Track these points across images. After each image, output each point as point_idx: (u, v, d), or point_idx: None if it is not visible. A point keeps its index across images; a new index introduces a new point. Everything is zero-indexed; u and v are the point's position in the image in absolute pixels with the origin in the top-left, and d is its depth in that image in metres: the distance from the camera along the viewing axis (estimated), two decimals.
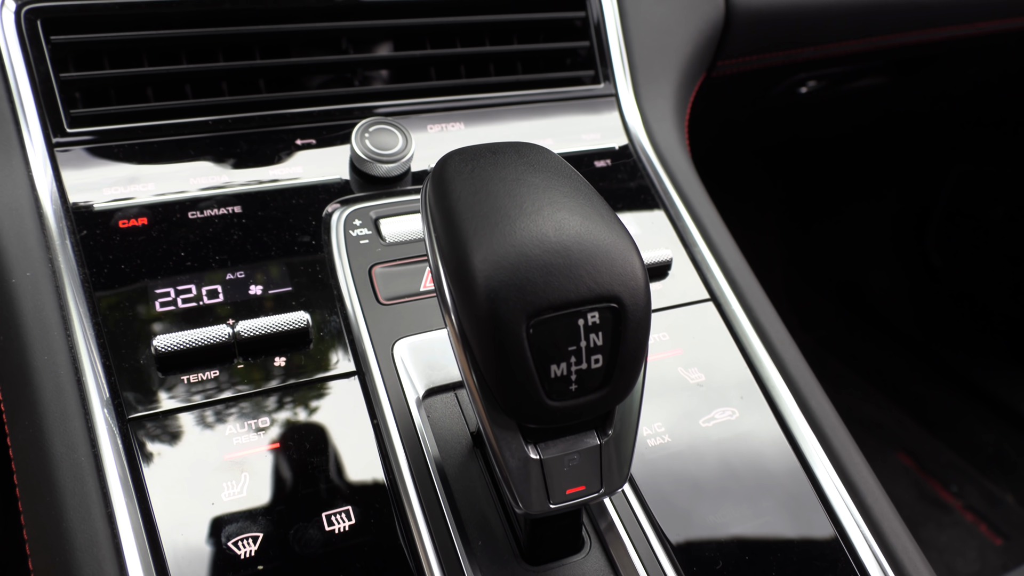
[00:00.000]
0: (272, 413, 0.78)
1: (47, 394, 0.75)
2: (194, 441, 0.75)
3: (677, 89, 1.23)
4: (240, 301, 0.86)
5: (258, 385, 0.80)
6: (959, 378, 2.78)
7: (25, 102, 0.92)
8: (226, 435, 0.76)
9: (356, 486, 0.75)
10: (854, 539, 0.81)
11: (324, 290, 0.89)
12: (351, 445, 0.77)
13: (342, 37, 1.10)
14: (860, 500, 0.82)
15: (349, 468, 0.76)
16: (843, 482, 0.83)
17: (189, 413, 0.77)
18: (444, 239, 0.63)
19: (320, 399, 0.80)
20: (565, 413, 0.61)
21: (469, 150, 0.69)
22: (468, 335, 0.60)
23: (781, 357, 0.92)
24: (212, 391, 0.79)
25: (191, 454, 0.74)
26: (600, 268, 0.60)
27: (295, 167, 1.00)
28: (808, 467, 0.84)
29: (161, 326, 0.82)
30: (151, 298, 0.84)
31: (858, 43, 1.46)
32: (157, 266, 0.87)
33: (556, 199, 0.63)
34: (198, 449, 0.74)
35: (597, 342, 0.60)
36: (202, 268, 0.88)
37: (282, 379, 0.81)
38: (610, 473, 0.66)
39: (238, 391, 0.79)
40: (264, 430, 0.77)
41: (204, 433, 0.75)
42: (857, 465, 0.84)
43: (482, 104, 1.12)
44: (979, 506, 2.52)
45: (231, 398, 0.78)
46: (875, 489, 0.83)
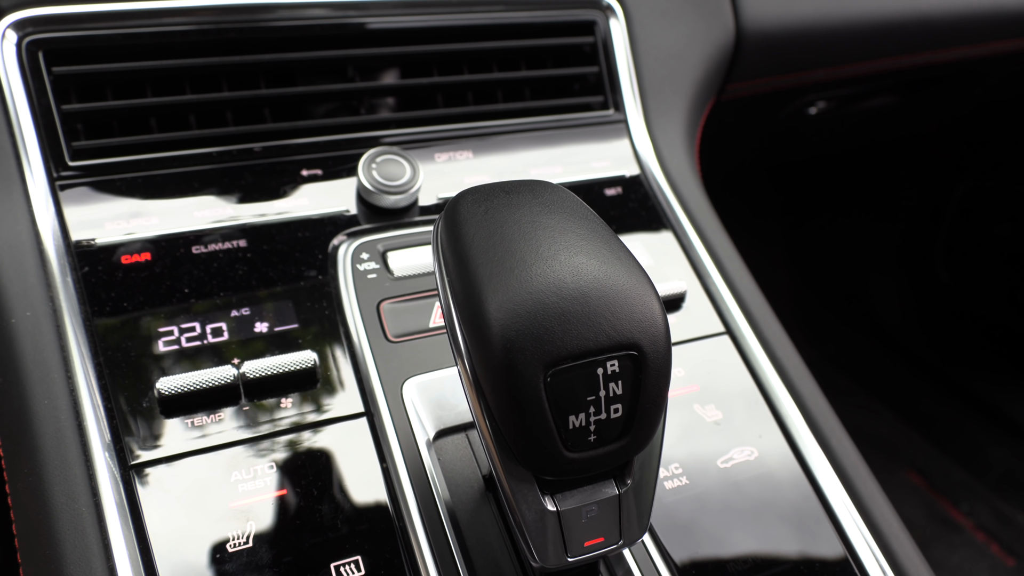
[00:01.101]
0: (278, 457, 0.76)
1: (47, 440, 0.73)
2: (198, 488, 0.73)
3: (688, 115, 1.21)
4: (245, 339, 0.84)
5: (264, 428, 0.78)
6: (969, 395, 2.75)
7: (26, 135, 0.91)
8: (231, 481, 0.73)
9: (365, 534, 0.73)
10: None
11: (331, 327, 0.87)
12: (360, 491, 0.75)
13: (348, 65, 1.08)
14: (889, 552, 0.80)
15: (358, 515, 0.74)
16: (870, 531, 0.81)
17: (193, 458, 0.74)
18: (458, 284, 0.61)
19: (328, 442, 0.78)
20: (584, 465, 0.59)
21: (482, 189, 0.67)
22: (483, 384, 0.58)
23: (800, 395, 0.90)
24: (217, 435, 0.76)
25: (195, 502, 0.72)
26: (619, 315, 0.58)
27: (301, 199, 0.98)
28: (831, 512, 0.82)
29: (164, 367, 0.80)
30: (154, 337, 0.82)
31: (868, 64, 1.44)
32: (160, 303, 0.85)
33: (573, 242, 0.61)
34: (202, 497, 0.72)
35: (616, 391, 0.58)
36: (206, 305, 0.86)
37: (289, 421, 0.79)
38: (630, 524, 0.64)
39: (243, 434, 0.77)
40: (270, 475, 0.75)
41: (209, 479, 0.73)
42: (880, 507, 0.82)
43: (490, 132, 1.10)
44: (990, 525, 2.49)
45: (236, 442, 0.76)
46: (905, 542, 0.81)
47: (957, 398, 2.77)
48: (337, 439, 0.78)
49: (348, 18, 1.06)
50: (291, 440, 0.77)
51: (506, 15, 1.14)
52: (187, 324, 0.84)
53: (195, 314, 0.85)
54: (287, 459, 0.76)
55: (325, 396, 0.81)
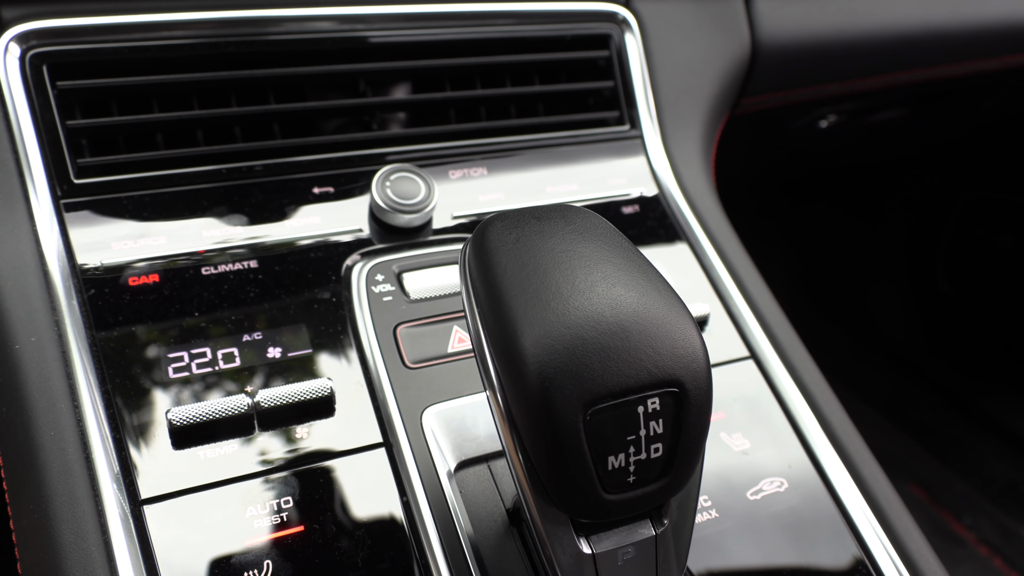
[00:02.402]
0: (294, 492, 0.73)
1: (54, 474, 0.70)
2: (212, 525, 0.70)
3: (704, 130, 1.19)
4: (258, 365, 0.81)
5: (279, 460, 0.75)
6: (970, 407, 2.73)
7: (30, 151, 0.88)
8: (246, 517, 0.70)
9: (387, 573, 0.70)
10: None
11: (347, 352, 0.84)
12: (380, 526, 0.72)
13: (360, 79, 1.05)
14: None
15: (379, 553, 0.71)
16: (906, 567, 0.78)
17: (206, 492, 0.71)
18: (490, 316, 0.58)
19: (345, 474, 0.75)
20: (622, 506, 0.57)
21: (511, 215, 0.64)
22: (517, 421, 0.56)
23: (830, 423, 0.87)
24: (230, 467, 0.73)
25: (209, 540, 0.69)
26: (660, 350, 0.55)
27: (312, 217, 0.95)
28: (867, 550, 0.79)
29: (174, 395, 0.77)
30: (164, 363, 0.79)
31: (882, 78, 1.42)
32: (169, 328, 0.82)
33: (609, 272, 0.58)
34: (217, 534, 0.69)
35: (657, 430, 0.56)
36: (217, 329, 0.83)
37: (304, 453, 0.76)
38: (667, 565, 0.62)
39: (258, 467, 0.74)
40: (286, 511, 0.72)
41: (223, 515, 0.70)
42: (919, 547, 0.80)
43: (504, 148, 1.08)
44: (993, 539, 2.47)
45: (251, 475, 0.73)
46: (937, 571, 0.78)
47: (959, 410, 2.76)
48: (355, 471, 0.75)
49: (358, 31, 1.04)
50: (307, 472, 0.74)
51: (520, 29, 1.12)
52: (197, 349, 0.81)
53: (206, 339, 0.82)
54: (303, 493, 0.73)
55: (341, 426, 0.78)
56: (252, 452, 0.75)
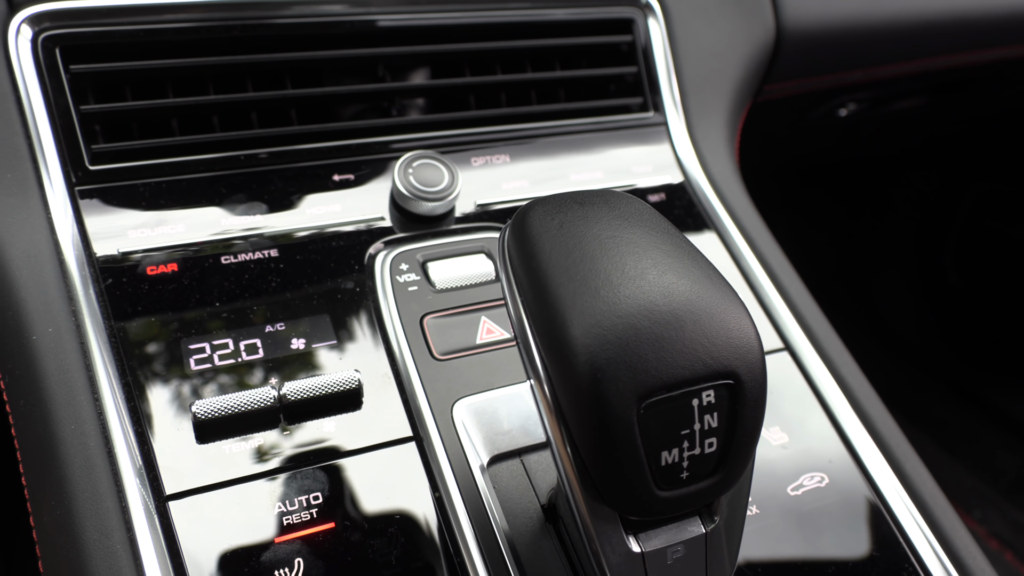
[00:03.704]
0: (324, 487, 0.71)
1: (76, 470, 0.67)
2: (241, 521, 0.67)
3: (728, 117, 1.16)
4: (281, 357, 0.79)
5: (307, 454, 0.72)
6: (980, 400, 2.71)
7: (43, 137, 0.85)
8: (275, 514, 0.68)
9: (422, 571, 0.67)
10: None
11: (372, 343, 0.81)
12: (413, 522, 0.70)
13: (379, 64, 1.03)
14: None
15: (413, 550, 0.68)
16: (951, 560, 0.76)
17: (233, 488, 0.69)
18: (535, 305, 0.56)
19: (375, 469, 0.73)
20: (674, 504, 0.54)
21: (553, 200, 0.62)
22: (567, 415, 0.53)
23: (869, 416, 0.85)
24: (256, 462, 0.71)
25: (238, 537, 0.66)
26: (716, 340, 0.53)
27: (333, 205, 0.92)
28: (913, 548, 0.77)
29: (197, 387, 0.75)
30: (185, 355, 0.76)
31: (906, 65, 1.40)
32: (190, 318, 0.79)
33: (659, 259, 0.56)
34: (246, 531, 0.67)
35: (712, 424, 0.53)
36: (239, 320, 0.80)
37: (332, 447, 0.73)
38: (718, 563, 0.59)
39: (285, 462, 0.71)
40: (316, 507, 0.69)
41: (251, 512, 0.68)
42: (966, 544, 0.77)
43: (526, 135, 1.05)
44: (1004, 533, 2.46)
45: (278, 470, 0.71)
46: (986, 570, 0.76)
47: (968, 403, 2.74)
48: (385, 466, 0.73)
49: (376, 15, 1.01)
50: (336, 467, 0.72)
51: (541, 12, 1.09)
52: (219, 340, 0.78)
53: (227, 330, 0.79)
54: (333, 488, 0.71)
55: (369, 419, 0.76)
56: (278, 446, 0.72)
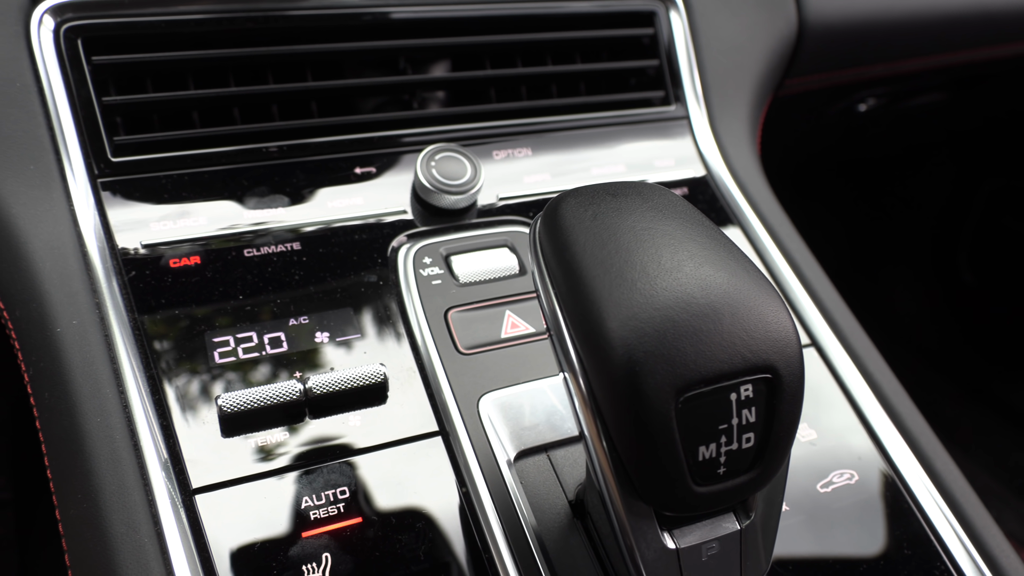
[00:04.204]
0: (350, 481, 0.70)
1: (102, 463, 0.67)
2: (267, 516, 0.67)
3: (750, 111, 1.15)
4: (306, 350, 0.78)
5: (333, 448, 0.72)
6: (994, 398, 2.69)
7: (66, 129, 0.84)
8: (302, 508, 0.67)
9: (451, 567, 0.67)
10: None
11: (396, 337, 0.81)
12: (441, 518, 0.69)
13: (400, 56, 1.02)
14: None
15: (441, 545, 0.68)
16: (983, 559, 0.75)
17: (260, 482, 0.68)
18: (569, 297, 0.55)
19: (402, 463, 0.72)
20: (710, 499, 0.54)
21: (585, 191, 0.61)
22: (603, 409, 0.53)
23: (898, 412, 0.84)
24: (283, 456, 0.70)
25: (265, 532, 0.66)
26: (754, 333, 0.52)
27: (355, 198, 0.92)
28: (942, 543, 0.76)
29: (221, 380, 0.74)
30: (209, 348, 0.76)
31: (927, 60, 1.38)
32: (213, 311, 0.79)
33: (695, 251, 0.55)
34: (273, 525, 0.66)
35: (750, 419, 0.53)
36: (262, 313, 0.80)
37: (358, 441, 0.73)
38: (753, 561, 0.59)
39: (311, 455, 0.71)
40: (343, 501, 0.69)
41: (278, 506, 0.67)
42: (999, 543, 0.76)
43: (547, 128, 1.04)
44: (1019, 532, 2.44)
45: (305, 463, 0.70)
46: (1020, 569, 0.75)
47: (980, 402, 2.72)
48: (411, 460, 0.72)
49: (397, 7, 1.00)
50: (362, 461, 0.71)
51: (562, 5, 1.08)
52: (243, 334, 0.78)
53: (251, 323, 0.79)
54: (359, 483, 0.70)
55: (394, 413, 0.75)
56: (304, 440, 0.72)
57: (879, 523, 0.76)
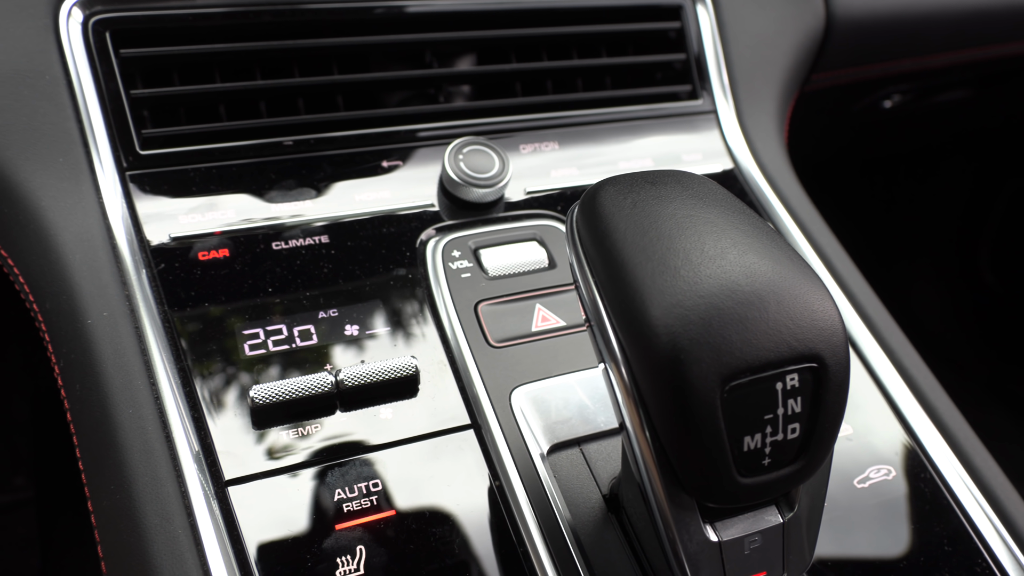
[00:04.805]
0: (383, 474, 0.69)
1: (135, 454, 0.67)
2: (301, 508, 0.66)
3: (778, 105, 1.14)
4: (336, 343, 0.77)
5: (365, 441, 0.71)
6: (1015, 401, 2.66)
7: (94, 122, 0.84)
8: (335, 500, 0.67)
9: (486, 560, 0.66)
10: None
11: (426, 330, 0.80)
12: (474, 511, 0.69)
13: (426, 50, 1.01)
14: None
15: (475, 539, 0.67)
16: None
17: (292, 474, 0.68)
18: (610, 285, 0.54)
19: (434, 456, 0.71)
20: (755, 491, 0.53)
21: (622, 179, 0.60)
22: (646, 398, 0.52)
23: (934, 408, 0.83)
24: (314, 448, 0.70)
25: (298, 524, 0.65)
26: (800, 322, 0.51)
27: (382, 191, 0.91)
28: (983, 539, 0.75)
29: (252, 372, 0.74)
30: (239, 340, 0.76)
31: (955, 55, 1.37)
32: (243, 303, 0.78)
33: (739, 239, 0.54)
34: (306, 518, 0.65)
35: (795, 408, 0.52)
36: (292, 305, 0.79)
37: (390, 434, 0.72)
38: (796, 555, 0.58)
39: (343, 448, 0.70)
40: (376, 494, 0.68)
41: (311, 498, 0.67)
42: None
43: (573, 122, 1.04)
44: None
45: (337, 456, 0.70)
46: None
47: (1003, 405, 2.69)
48: (444, 453, 0.72)
49: (423, 0, 0.99)
50: (395, 454, 0.71)
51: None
52: (273, 326, 0.77)
53: (280, 315, 0.78)
54: (392, 476, 0.69)
55: (426, 406, 0.75)
56: (336, 432, 0.71)
57: (918, 519, 0.75)
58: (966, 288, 2.82)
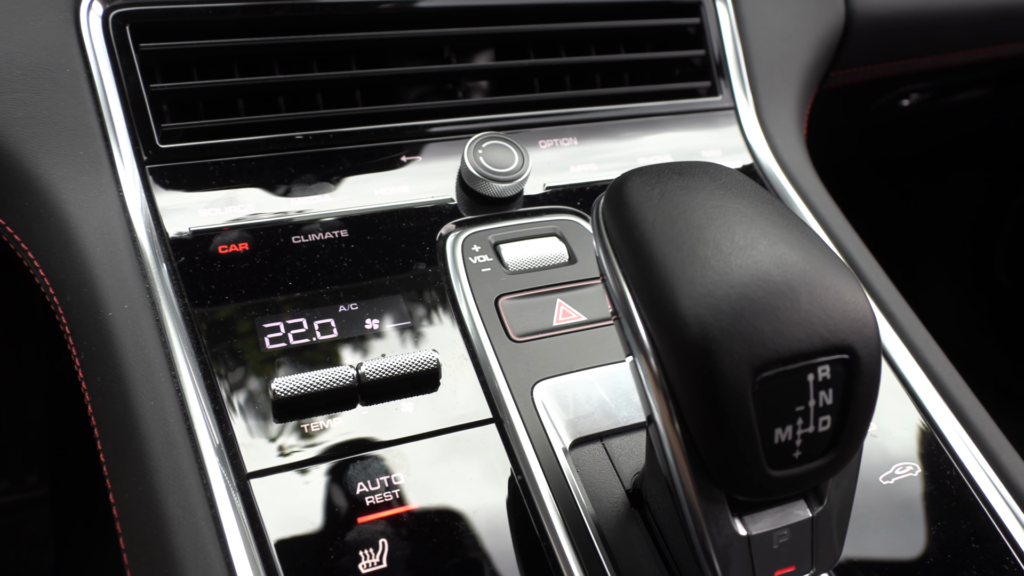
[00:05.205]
0: (405, 467, 0.69)
1: (156, 446, 0.66)
2: (322, 501, 0.66)
3: (797, 102, 1.13)
4: (356, 337, 0.77)
5: (386, 434, 0.71)
6: None
7: (114, 115, 0.84)
8: (357, 493, 0.66)
9: (509, 554, 0.65)
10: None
11: (447, 324, 0.80)
12: (496, 504, 0.68)
13: (445, 45, 1.01)
14: None
15: (498, 533, 0.66)
16: None
17: (314, 467, 0.67)
18: (638, 276, 0.54)
19: (456, 450, 0.71)
20: (785, 484, 0.52)
21: (649, 170, 0.60)
22: (676, 389, 0.51)
23: (959, 405, 0.82)
24: (336, 441, 0.69)
25: (321, 517, 0.65)
26: (832, 312, 0.51)
27: (401, 186, 0.91)
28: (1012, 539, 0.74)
29: (273, 366, 0.73)
30: (260, 333, 0.75)
31: (975, 52, 1.36)
32: (263, 297, 0.78)
33: (769, 230, 0.54)
34: (328, 511, 0.65)
35: (827, 401, 0.51)
36: (312, 299, 0.79)
37: (411, 427, 0.71)
38: (825, 551, 0.57)
39: (365, 442, 0.70)
40: (398, 487, 0.67)
41: (333, 491, 0.66)
42: None
43: (592, 118, 1.03)
44: None
45: (359, 450, 0.69)
46: None
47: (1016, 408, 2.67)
48: (465, 447, 0.71)
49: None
50: (417, 448, 0.70)
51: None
52: (293, 320, 0.77)
53: (301, 309, 0.78)
54: (415, 469, 0.69)
55: (447, 400, 0.74)
56: (357, 426, 0.71)
57: (945, 517, 0.74)
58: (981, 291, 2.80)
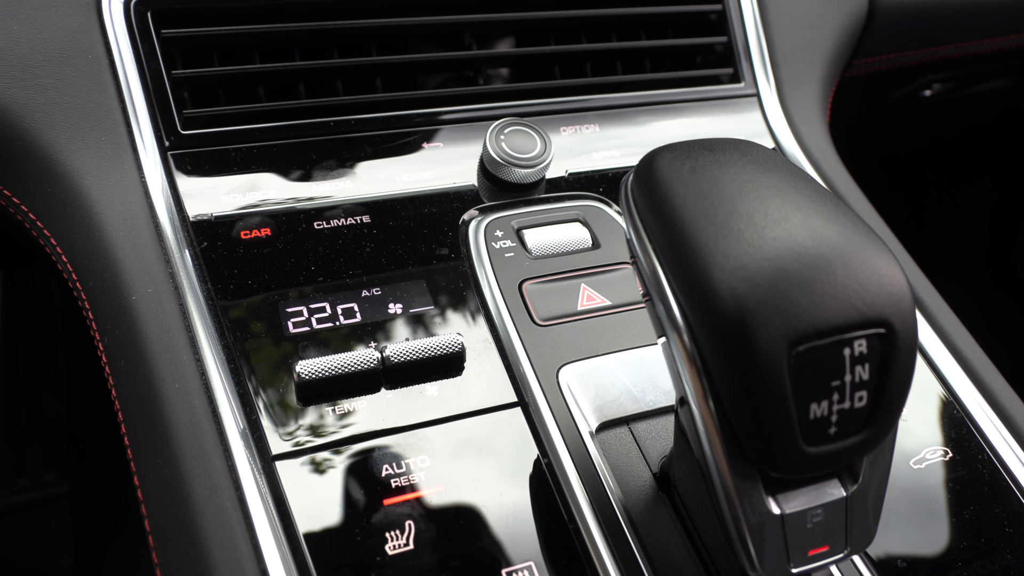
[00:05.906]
0: (430, 450, 0.68)
1: (181, 428, 0.66)
2: (348, 483, 0.65)
3: (821, 89, 1.12)
4: (379, 321, 0.77)
5: (411, 417, 0.70)
6: None
7: (136, 101, 0.84)
8: (383, 476, 0.66)
9: (536, 537, 0.65)
10: None
11: (470, 309, 0.79)
12: (523, 487, 0.67)
13: (465, 31, 1.00)
14: None
15: (524, 516, 0.66)
16: None
17: (339, 450, 0.67)
18: (669, 251, 0.53)
19: (481, 433, 0.70)
20: (819, 461, 0.51)
21: (678, 147, 0.59)
22: (710, 364, 0.50)
23: (991, 390, 0.81)
24: (361, 424, 0.69)
25: (346, 499, 0.64)
26: (868, 286, 0.50)
27: (423, 172, 0.90)
28: None
29: (296, 349, 0.73)
30: (283, 318, 0.75)
31: (999, 41, 1.34)
32: (286, 282, 0.78)
33: (802, 203, 0.53)
34: (354, 493, 0.65)
35: (863, 376, 0.50)
36: (335, 284, 0.79)
37: (436, 411, 0.71)
38: (859, 530, 0.56)
39: (390, 424, 0.69)
40: (423, 470, 0.67)
41: (358, 474, 0.66)
42: None
43: (613, 104, 1.02)
44: None
45: (383, 432, 0.69)
46: None
47: None
48: (491, 431, 0.71)
49: None
50: (442, 431, 0.70)
51: None
52: (316, 304, 0.76)
53: (324, 293, 0.77)
54: (440, 452, 0.68)
55: (472, 384, 0.73)
56: (382, 409, 0.70)
57: (977, 501, 0.73)
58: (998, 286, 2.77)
